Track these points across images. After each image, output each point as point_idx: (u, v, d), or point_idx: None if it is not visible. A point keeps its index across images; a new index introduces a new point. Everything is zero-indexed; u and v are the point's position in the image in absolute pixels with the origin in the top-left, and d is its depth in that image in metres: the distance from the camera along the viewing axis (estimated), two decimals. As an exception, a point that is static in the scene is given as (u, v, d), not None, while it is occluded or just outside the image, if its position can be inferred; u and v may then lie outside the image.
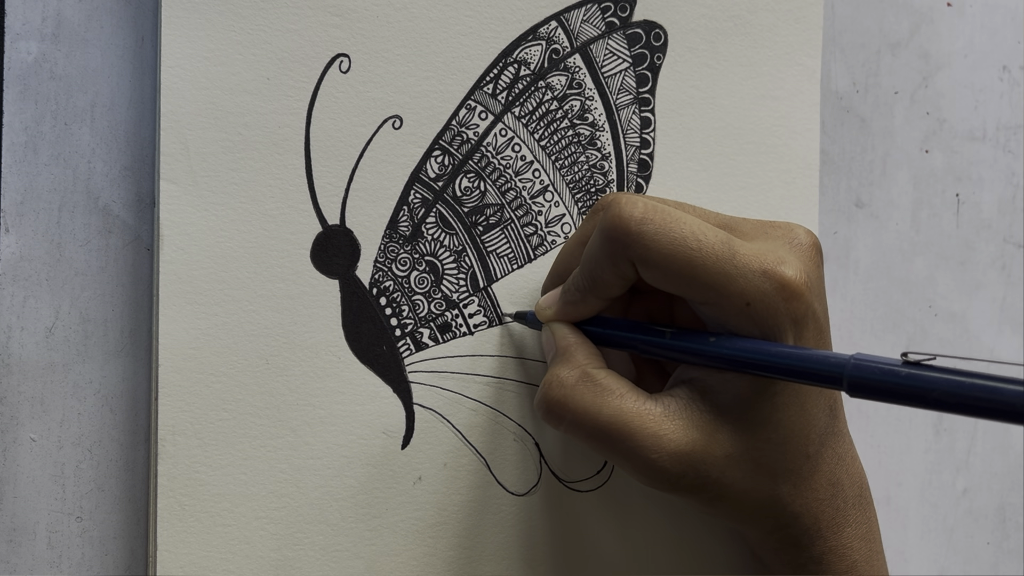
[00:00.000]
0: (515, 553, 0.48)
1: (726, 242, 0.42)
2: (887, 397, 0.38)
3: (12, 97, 0.44)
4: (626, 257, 0.42)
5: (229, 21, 0.45)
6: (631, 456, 0.42)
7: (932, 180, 0.60)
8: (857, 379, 0.39)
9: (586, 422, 0.43)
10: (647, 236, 0.42)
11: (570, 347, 0.45)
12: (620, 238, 0.42)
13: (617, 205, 0.42)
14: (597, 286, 0.44)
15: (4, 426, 0.44)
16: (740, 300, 0.41)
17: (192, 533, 0.44)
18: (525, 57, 0.48)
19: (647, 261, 0.42)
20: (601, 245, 0.43)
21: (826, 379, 0.40)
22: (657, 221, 0.42)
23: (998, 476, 0.61)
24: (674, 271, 0.41)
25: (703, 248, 0.41)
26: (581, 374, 0.43)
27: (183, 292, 0.44)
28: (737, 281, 0.41)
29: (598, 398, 0.43)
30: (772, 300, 0.41)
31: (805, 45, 0.53)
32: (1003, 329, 0.61)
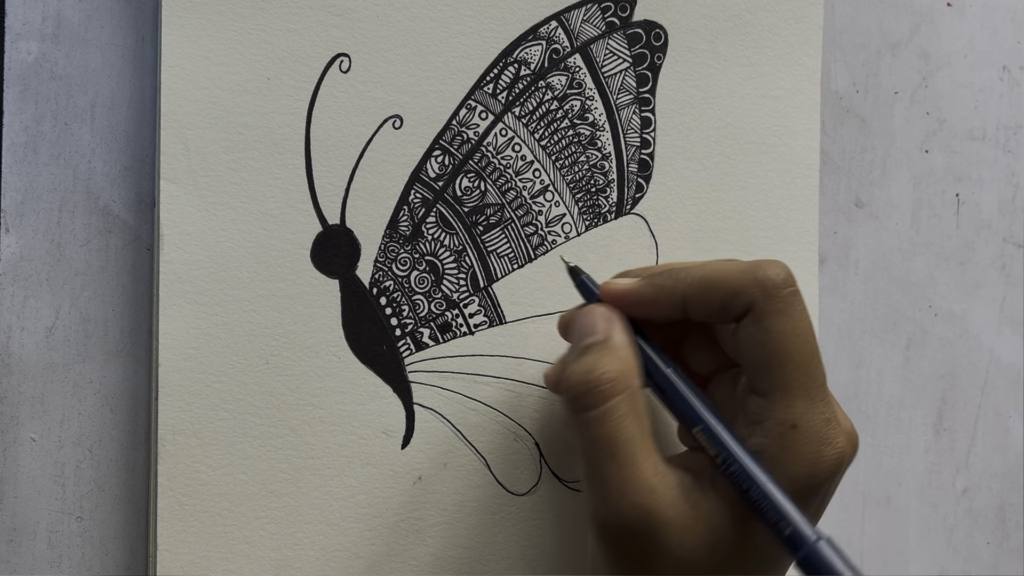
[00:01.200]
0: (515, 553, 0.48)
1: (824, 378, 0.42)
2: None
3: (12, 97, 0.44)
4: (750, 300, 0.41)
5: (229, 21, 0.45)
6: (613, 485, 0.40)
7: (932, 180, 0.60)
8: (810, 559, 0.38)
9: (608, 426, 0.41)
10: (787, 303, 0.41)
11: (624, 348, 0.42)
12: (766, 285, 0.41)
13: (781, 266, 0.42)
14: (696, 293, 0.43)
15: (4, 426, 0.44)
16: (794, 418, 0.41)
17: (192, 533, 0.44)
18: (525, 57, 0.48)
19: (765, 322, 0.41)
20: (742, 272, 0.42)
21: (789, 539, 0.39)
22: (800, 306, 0.41)
23: (998, 476, 0.61)
24: (775, 349, 0.41)
25: (811, 359, 0.41)
26: (635, 386, 0.42)
27: (183, 292, 0.44)
28: (807, 403, 0.41)
29: (631, 416, 0.41)
30: (814, 444, 0.41)
31: (805, 45, 0.53)
32: (1003, 329, 0.61)
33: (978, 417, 0.61)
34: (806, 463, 0.41)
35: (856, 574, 0.38)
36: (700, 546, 0.41)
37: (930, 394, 0.60)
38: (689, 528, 0.40)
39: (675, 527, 0.40)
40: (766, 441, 0.41)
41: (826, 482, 0.41)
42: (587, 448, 0.41)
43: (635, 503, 0.40)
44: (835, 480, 0.42)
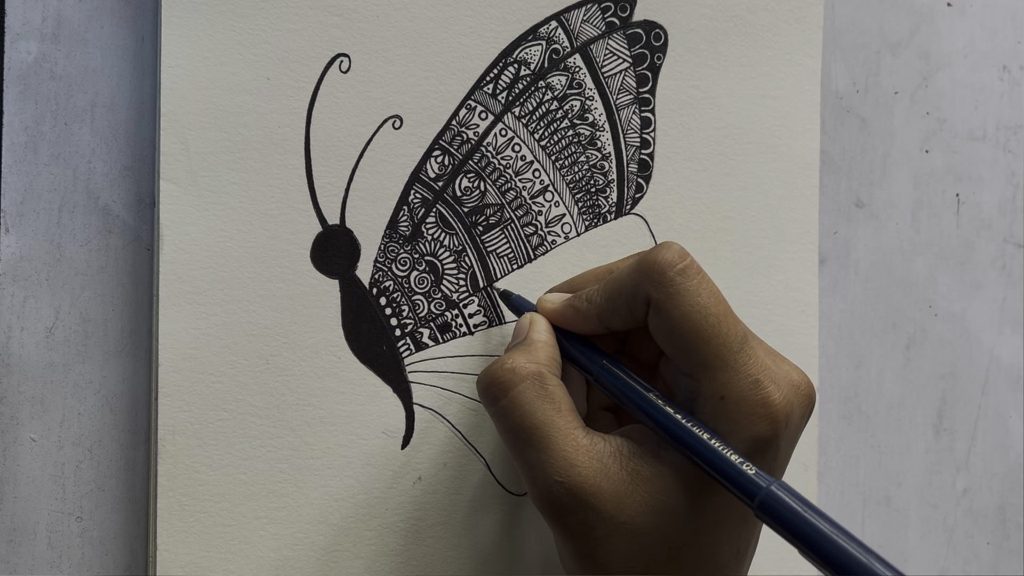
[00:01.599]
0: (515, 553, 0.48)
1: (742, 338, 0.42)
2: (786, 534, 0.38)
3: (12, 97, 0.44)
4: (646, 295, 0.42)
5: (229, 21, 0.45)
6: (535, 468, 0.41)
7: (932, 180, 0.60)
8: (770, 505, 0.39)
9: (515, 416, 0.42)
10: (676, 286, 0.42)
11: (538, 343, 0.45)
12: (652, 275, 0.42)
13: (666, 248, 0.42)
14: (606, 308, 0.44)
15: (4, 426, 0.44)
16: (719, 390, 0.41)
17: (192, 533, 0.44)
18: (525, 57, 0.48)
19: (662, 309, 0.42)
20: (631, 273, 0.43)
21: (744, 489, 0.39)
22: (692, 282, 0.42)
23: (998, 476, 0.61)
24: (680, 332, 0.41)
25: (718, 327, 0.41)
26: (536, 371, 0.43)
27: (183, 292, 0.44)
28: (728, 373, 0.41)
29: (538, 400, 0.42)
30: (746, 408, 0.41)
31: (805, 45, 0.53)
32: (1003, 329, 0.61)
33: (978, 417, 0.61)
34: (743, 428, 0.41)
35: (810, 508, 0.38)
36: (645, 510, 0.41)
37: (930, 394, 0.60)
38: (627, 495, 0.41)
39: (608, 495, 0.41)
40: (703, 417, 0.42)
41: (772, 440, 0.41)
42: (506, 438, 0.43)
43: (558, 480, 0.41)
44: (782, 436, 0.42)
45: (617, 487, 0.41)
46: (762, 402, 0.41)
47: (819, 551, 0.37)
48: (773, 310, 0.52)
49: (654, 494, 0.41)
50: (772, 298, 0.52)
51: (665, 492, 0.41)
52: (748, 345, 0.42)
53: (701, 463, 0.40)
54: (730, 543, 0.43)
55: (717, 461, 0.40)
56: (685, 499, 0.41)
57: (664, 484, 0.41)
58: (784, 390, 0.42)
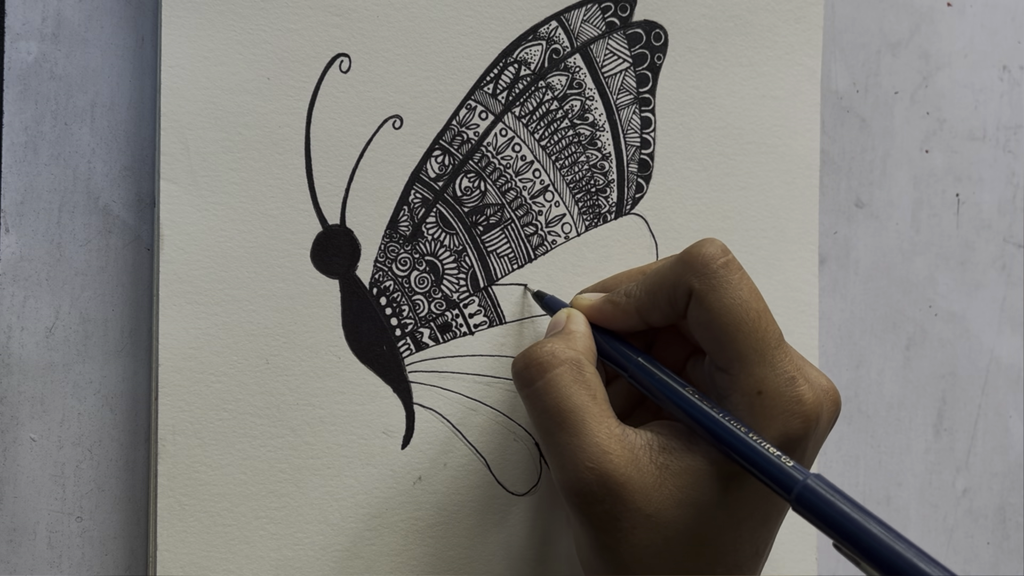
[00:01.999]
0: (515, 553, 0.48)
1: (778, 337, 0.42)
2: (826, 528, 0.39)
3: (12, 97, 0.44)
4: (688, 287, 0.43)
5: (229, 21, 0.45)
6: (567, 453, 0.41)
7: (932, 180, 0.60)
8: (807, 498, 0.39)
9: (551, 397, 0.42)
10: (719, 278, 0.42)
11: (576, 333, 0.45)
12: (697, 267, 0.43)
13: (709, 242, 0.43)
14: (646, 301, 0.44)
15: (4, 426, 0.44)
16: (756, 384, 0.42)
17: (192, 533, 0.44)
18: (525, 57, 0.48)
19: (705, 301, 0.42)
20: (673, 266, 0.43)
21: (780, 482, 0.40)
22: (735, 276, 0.43)
23: (998, 476, 0.61)
24: (721, 323, 0.42)
25: (758, 322, 0.42)
26: (574, 357, 0.43)
27: (183, 292, 0.44)
28: (766, 368, 0.42)
29: (574, 384, 0.42)
30: (782, 404, 0.42)
31: (805, 45, 0.53)
32: (1003, 329, 0.61)
33: (978, 417, 0.61)
34: (778, 424, 0.41)
35: (847, 501, 0.38)
36: (672, 504, 0.41)
37: (930, 394, 0.60)
38: (655, 487, 0.41)
39: (637, 486, 0.41)
40: (738, 413, 0.42)
41: (803, 439, 0.42)
42: (538, 421, 0.43)
43: (589, 466, 0.41)
44: (812, 435, 0.42)
45: (646, 479, 0.41)
46: (797, 399, 0.42)
47: (857, 543, 0.37)
48: (773, 310, 0.52)
49: (682, 488, 0.41)
50: (772, 298, 0.52)
51: (693, 487, 0.41)
52: (784, 345, 0.42)
53: (738, 457, 0.41)
54: (751, 542, 0.43)
55: (754, 455, 0.40)
56: (712, 494, 0.42)
57: (692, 479, 0.42)
58: (816, 391, 0.42)
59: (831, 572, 0.57)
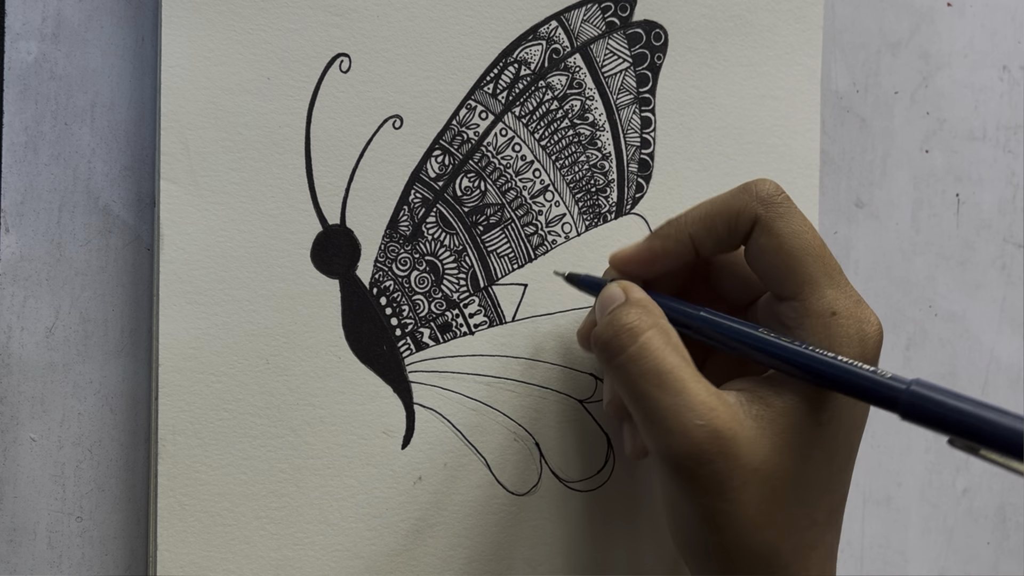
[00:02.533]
0: (515, 553, 0.48)
1: (838, 266, 0.43)
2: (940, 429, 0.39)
3: (12, 97, 0.44)
4: (754, 214, 0.43)
5: (229, 21, 0.45)
6: (672, 414, 0.40)
7: (932, 180, 0.60)
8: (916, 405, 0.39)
9: (646, 360, 0.41)
10: (784, 206, 0.43)
11: (644, 300, 0.44)
12: (762, 195, 0.44)
13: (770, 181, 0.44)
14: (700, 227, 0.44)
15: (4, 426, 0.44)
16: (830, 306, 0.42)
17: (192, 533, 0.44)
18: (525, 57, 0.48)
19: (772, 228, 0.43)
20: (736, 194, 0.44)
21: (883, 397, 0.40)
22: (796, 208, 0.44)
23: (998, 476, 0.61)
24: (788, 249, 0.43)
25: (823, 251, 0.43)
26: (659, 322, 0.43)
27: (183, 292, 0.44)
28: (836, 290, 0.42)
29: (667, 346, 0.42)
30: (855, 323, 0.42)
31: (805, 45, 0.53)
32: (1003, 329, 0.61)
33: (978, 417, 0.61)
34: (855, 342, 0.42)
35: (956, 396, 0.38)
36: (774, 451, 0.41)
37: (930, 394, 0.60)
38: (756, 439, 0.41)
39: (743, 439, 0.41)
40: (813, 338, 0.42)
41: (875, 357, 0.43)
42: (634, 389, 0.41)
43: (699, 423, 0.40)
44: (878, 356, 0.43)
45: (748, 432, 0.41)
46: (868, 320, 0.42)
47: (978, 436, 0.38)
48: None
49: (780, 434, 0.41)
50: (772, 298, 0.52)
51: (790, 430, 0.42)
52: (843, 274, 0.43)
53: (833, 382, 0.41)
54: (840, 481, 0.43)
55: (851, 376, 0.40)
56: (807, 434, 0.42)
57: (788, 422, 0.42)
58: (878, 319, 0.43)
59: (831, 572, 0.57)
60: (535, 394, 0.49)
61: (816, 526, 0.43)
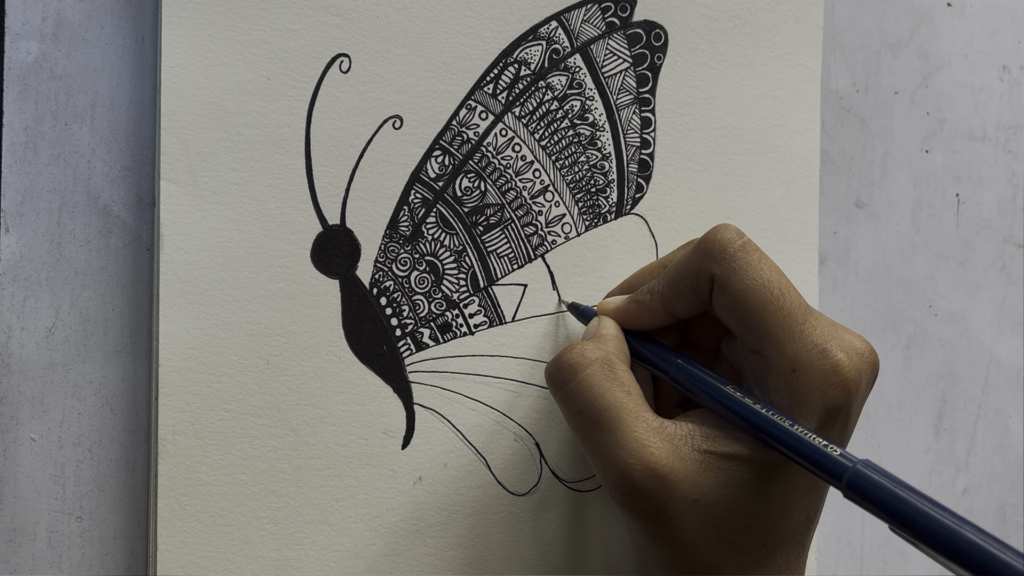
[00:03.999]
0: (515, 553, 0.48)
1: (804, 309, 0.42)
2: (880, 512, 0.39)
3: (12, 97, 0.44)
4: (710, 274, 0.43)
5: (229, 21, 0.45)
6: (607, 450, 0.42)
7: (932, 180, 0.60)
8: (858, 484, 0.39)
9: (584, 397, 0.43)
10: (738, 261, 0.43)
11: (607, 336, 0.45)
12: (715, 253, 0.43)
13: (724, 227, 0.43)
14: (669, 295, 0.45)
15: (4, 426, 0.44)
16: (789, 363, 0.42)
17: (192, 533, 0.44)
18: (525, 57, 0.48)
19: (727, 285, 0.42)
20: (691, 255, 0.44)
21: (829, 471, 0.40)
22: (753, 257, 0.43)
23: (998, 476, 0.61)
24: (745, 306, 0.42)
25: (782, 300, 0.42)
26: (604, 356, 0.43)
27: (183, 292, 0.44)
28: (796, 344, 0.42)
29: (608, 382, 0.43)
30: (818, 377, 0.42)
31: (805, 45, 0.53)
32: (1003, 329, 0.61)
33: (978, 417, 0.61)
34: (817, 398, 0.42)
35: (899, 484, 0.39)
36: (718, 485, 0.42)
37: (930, 394, 0.60)
38: (699, 472, 0.42)
39: (680, 474, 0.41)
40: (775, 393, 0.42)
41: (843, 408, 0.42)
42: (575, 422, 0.43)
43: (630, 461, 0.41)
44: (853, 402, 0.43)
45: (689, 467, 0.41)
46: (832, 370, 0.42)
47: (912, 526, 0.38)
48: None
49: (726, 470, 0.42)
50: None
51: (737, 468, 0.42)
52: (812, 315, 0.42)
53: (785, 450, 0.41)
54: (799, 510, 0.43)
55: (801, 446, 0.40)
56: (756, 475, 0.42)
57: (736, 462, 0.42)
58: (851, 357, 0.42)
59: (831, 571, 0.57)
60: (535, 394, 0.49)
61: (766, 547, 0.43)
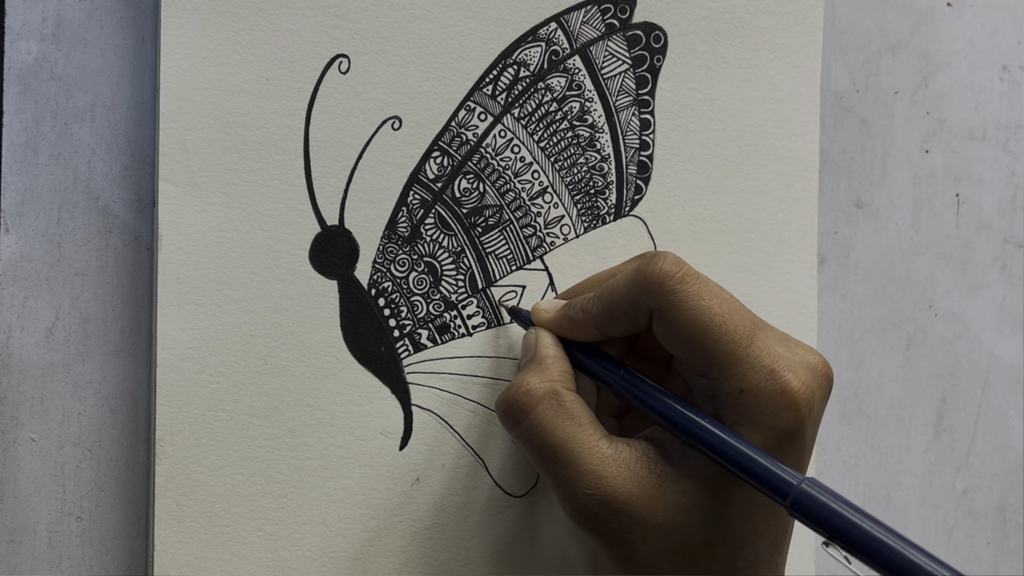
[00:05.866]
0: (513, 554, 0.49)
1: (750, 330, 0.42)
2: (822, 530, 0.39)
3: (12, 97, 0.44)
4: (647, 306, 0.42)
5: (229, 21, 0.45)
6: (565, 484, 0.42)
7: (932, 180, 0.60)
8: (803, 503, 0.39)
9: (537, 436, 0.43)
10: (676, 294, 0.42)
11: (548, 359, 0.45)
12: (651, 287, 0.42)
13: (662, 258, 0.43)
14: (603, 318, 0.44)
15: (4, 426, 0.44)
16: (736, 384, 0.41)
17: (190, 533, 0.44)
18: (524, 58, 0.48)
19: (666, 318, 0.42)
20: (628, 285, 0.43)
21: (774, 488, 0.40)
22: (692, 287, 0.42)
23: (998, 476, 0.61)
24: (687, 335, 0.42)
25: (725, 326, 0.41)
26: (550, 390, 0.43)
27: (181, 292, 0.44)
28: (742, 367, 0.41)
29: (558, 419, 0.43)
30: (766, 400, 0.41)
31: (805, 47, 0.53)
32: (1003, 329, 0.61)
33: (978, 417, 0.61)
34: (766, 420, 0.41)
35: (842, 503, 0.39)
36: (678, 510, 0.41)
37: (930, 394, 0.60)
38: (658, 496, 0.42)
39: (640, 500, 0.41)
40: (724, 412, 0.42)
41: (796, 428, 0.41)
42: (532, 459, 0.44)
43: (588, 492, 0.41)
44: (806, 422, 0.42)
45: (648, 491, 0.41)
46: (781, 391, 0.41)
47: (856, 544, 0.38)
48: (772, 312, 0.52)
49: (685, 492, 0.42)
50: (771, 300, 0.52)
51: (695, 490, 0.42)
52: (758, 337, 0.42)
53: (731, 467, 0.41)
54: (766, 531, 0.43)
55: (747, 463, 0.40)
56: (716, 494, 0.42)
57: (693, 482, 0.42)
58: (802, 376, 0.42)
59: (831, 572, 0.57)
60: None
61: (736, 571, 0.43)
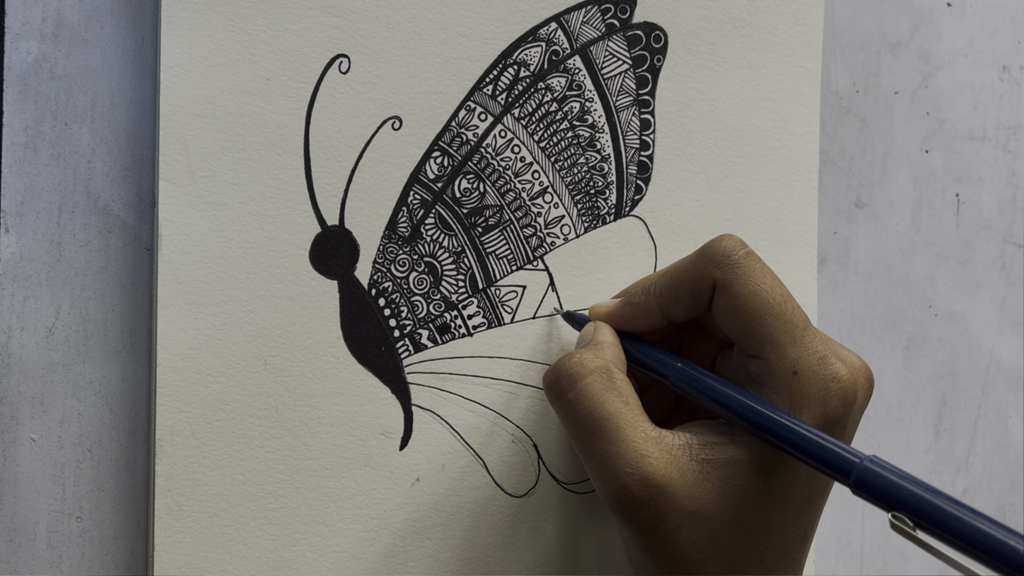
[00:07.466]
0: (513, 555, 0.49)
1: (805, 318, 0.43)
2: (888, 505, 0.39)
3: (12, 97, 0.44)
4: (712, 278, 0.43)
5: (229, 21, 0.45)
6: (605, 461, 0.42)
7: (932, 180, 0.60)
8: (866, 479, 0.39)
9: (584, 407, 0.43)
10: (742, 267, 0.43)
11: (604, 343, 0.45)
12: (718, 259, 0.43)
13: (728, 237, 0.44)
14: (667, 297, 0.45)
15: (4, 426, 0.44)
16: (791, 365, 0.42)
17: (190, 533, 0.44)
18: (525, 58, 0.48)
19: (730, 290, 0.43)
20: (694, 260, 0.44)
21: (837, 468, 0.40)
22: (756, 265, 0.43)
23: (998, 476, 0.61)
24: (748, 309, 0.43)
25: (784, 307, 0.43)
26: (603, 366, 0.43)
27: (181, 292, 0.44)
28: (798, 348, 0.42)
29: (607, 392, 0.43)
30: (818, 383, 0.42)
31: (805, 48, 0.53)
32: (1003, 329, 0.61)
33: (978, 417, 0.61)
34: (816, 403, 0.42)
35: (907, 478, 0.39)
36: (716, 496, 0.42)
37: (930, 394, 0.60)
38: (697, 483, 0.42)
39: (679, 485, 0.41)
40: (775, 396, 0.42)
41: (842, 416, 0.42)
42: (572, 433, 0.43)
43: (629, 471, 0.41)
44: (851, 414, 0.43)
45: (687, 477, 0.42)
46: (832, 377, 0.42)
47: (926, 518, 0.38)
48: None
49: (725, 480, 0.42)
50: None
51: (736, 477, 0.42)
52: (811, 325, 0.43)
53: (793, 450, 0.41)
54: (796, 524, 0.43)
55: (809, 444, 0.41)
56: (756, 482, 0.42)
57: (735, 470, 0.42)
58: (849, 368, 0.43)
59: (831, 572, 0.57)
60: (533, 396, 0.49)
61: (764, 563, 0.43)
